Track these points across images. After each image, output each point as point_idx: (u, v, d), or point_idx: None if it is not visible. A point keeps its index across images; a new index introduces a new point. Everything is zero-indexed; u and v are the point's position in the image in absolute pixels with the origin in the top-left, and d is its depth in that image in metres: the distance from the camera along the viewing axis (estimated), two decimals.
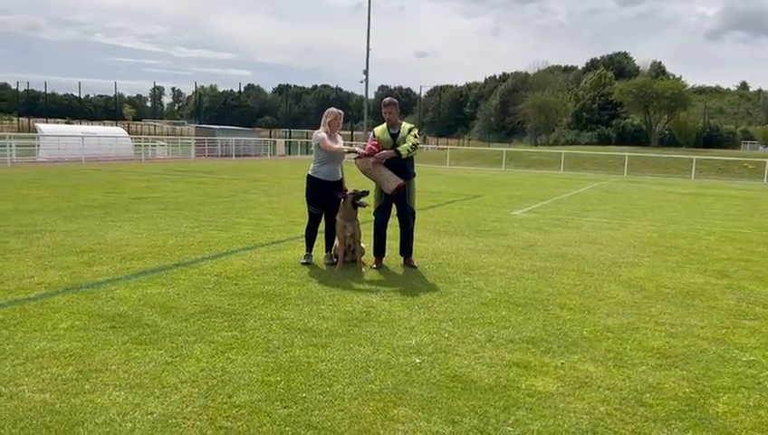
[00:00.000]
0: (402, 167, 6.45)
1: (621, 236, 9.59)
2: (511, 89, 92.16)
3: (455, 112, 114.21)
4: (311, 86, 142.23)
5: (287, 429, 3.05)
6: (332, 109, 6.63)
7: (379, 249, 6.78)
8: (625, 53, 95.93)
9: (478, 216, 11.64)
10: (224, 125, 44.89)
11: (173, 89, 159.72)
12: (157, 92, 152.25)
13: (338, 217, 6.48)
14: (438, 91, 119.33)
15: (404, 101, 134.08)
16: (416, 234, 7.09)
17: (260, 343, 4.23)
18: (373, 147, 6.45)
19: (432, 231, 9.39)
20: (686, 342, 4.62)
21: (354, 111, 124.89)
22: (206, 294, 5.40)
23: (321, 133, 6.48)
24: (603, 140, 63.36)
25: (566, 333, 4.71)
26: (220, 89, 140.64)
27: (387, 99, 6.49)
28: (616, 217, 12.36)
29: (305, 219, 6.93)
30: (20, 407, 3.18)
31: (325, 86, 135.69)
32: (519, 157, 37.38)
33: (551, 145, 65.70)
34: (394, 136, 6.47)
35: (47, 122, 50.45)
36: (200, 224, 9.32)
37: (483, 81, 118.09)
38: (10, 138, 24.38)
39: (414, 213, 6.78)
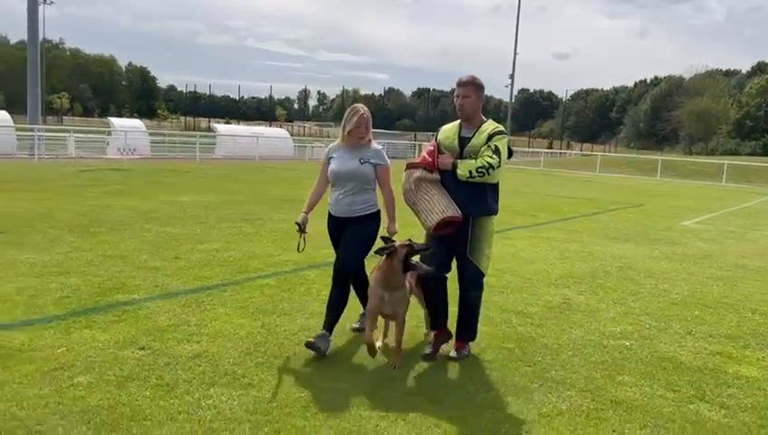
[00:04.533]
0: (466, 192, 3.95)
1: None
2: (664, 93, 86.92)
3: (600, 117, 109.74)
4: (449, 89, 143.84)
5: (535, 379, 3.88)
6: (355, 107, 4.19)
7: (437, 318, 4.30)
8: None
9: (646, 224, 11.81)
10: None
11: (318, 92, 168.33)
12: (304, 95, 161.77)
13: (372, 278, 4.04)
14: (583, 94, 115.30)
15: (544, 105, 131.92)
16: (524, 284, 5.89)
17: (483, 319, 5.11)
18: (427, 156, 4.13)
19: (603, 237, 9.84)
20: None
21: (491, 115, 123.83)
22: None
23: (330, 146, 4.40)
24: None
25: (762, 333, 5.11)
26: (361, 92, 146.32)
27: (464, 77, 4.05)
28: None
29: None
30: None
31: None
32: (674, 166, 35.59)
33: (707, 154, 61.35)
34: (464, 141, 4.00)
35: (209, 122, 56.28)
36: None
37: (632, 85, 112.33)
38: (198, 137, 27.72)
39: (479, 277, 4.15)
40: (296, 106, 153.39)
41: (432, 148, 4.15)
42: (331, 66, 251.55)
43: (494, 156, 3.88)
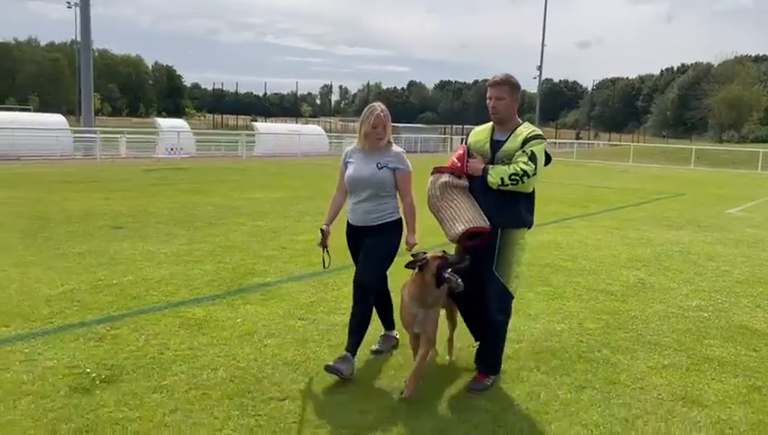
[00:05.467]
0: (496, 201, 3.60)
1: None
2: (691, 81, 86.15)
3: (625, 106, 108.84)
4: (471, 81, 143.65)
5: (634, 342, 4.60)
6: (371, 106, 3.84)
7: (473, 332, 4.05)
8: None
9: (693, 213, 12.39)
10: (393, 122, 47.80)
11: (340, 87, 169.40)
12: (327, 90, 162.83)
13: (404, 293, 3.74)
14: (608, 83, 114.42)
15: (568, 95, 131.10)
16: (598, 267, 6.56)
17: (571, 296, 5.84)
18: (456, 160, 3.82)
19: (656, 224, 10.48)
20: None
21: None
22: None
23: (348, 148, 4.07)
24: None
25: None
26: (383, 86, 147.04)
27: (498, 76, 3.69)
28: None
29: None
30: None
31: (486, 81, 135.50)
32: (706, 155, 35.69)
33: (737, 142, 60.84)
34: (496, 145, 3.67)
35: (236, 120, 57.57)
36: None
37: (658, 72, 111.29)
38: (243, 135, 28.73)
39: (506, 298, 3.71)
40: (318, 102, 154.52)
41: (462, 151, 3.80)
42: (351, 60, 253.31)
43: (529, 162, 3.48)
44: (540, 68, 50.09)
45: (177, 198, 11.66)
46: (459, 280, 3.49)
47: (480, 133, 3.78)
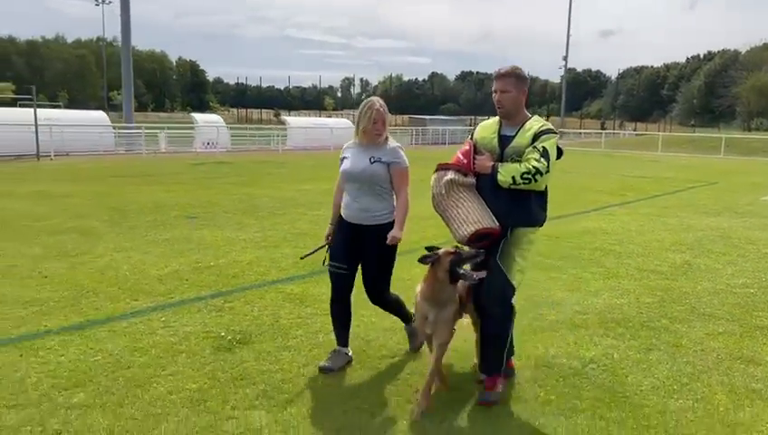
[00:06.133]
0: (507, 199, 3.41)
1: None
2: (718, 69, 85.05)
3: (650, 95, 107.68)
4: (492, 71, 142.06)
5: (689, 314, 5.11)
6: (370, 101, 3.71)
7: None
8: None
9: (728, 200, 12.75)
10: (411, 114, 48.35)
11: (361, 79, 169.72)
12: (348, 83, 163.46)
13: (418, 292, 3.58)
14: (632, 72, 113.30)
15: (592, 85, 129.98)
16: (644, 250, 7.67)
17: (625, 276, 6.34)
18: (461, 156, 3.62)
19: (694, 211, 10.89)
20: None
21: (537, 96, 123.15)
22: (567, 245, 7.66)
23: (346, 144, 3.95)
24: None
25: None
26: (404, 78, 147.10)
27: (503, 68, 3.48)
28: None
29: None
30: None
31: None
32: (736, 143, 35.55)
33: (767, 130, 60.14)
34: (505, 141, 3.47)
35: (261, 114, 58.53)
36: None
37: (684, 60, 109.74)
38: (276, 129, 29.46)
39: (507, 290, 3.47)
40: (339, 94, 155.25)
41: (468, 147, 3.60)
42: (371, 52, 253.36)
43: (542, 159, 3.27)
44: (566, 58, 50.14)
45: (232, 191, 12.34)
46: (475, 275, 3.32)
47: (487, 128, 3.56)
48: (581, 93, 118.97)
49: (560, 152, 3.44)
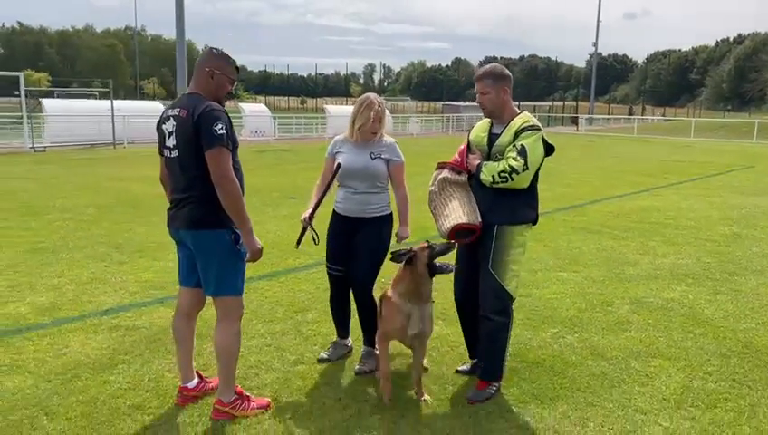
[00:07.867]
0: (492, 197, 3.46)
1: None
2: (749, 53, 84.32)
3: (678, 79, 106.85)
4: (517, 56, 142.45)
5: (746, 270, 6.29)
6: (368, 99, 3.76)
7: (469, 348, 3.93)
8: None
9: (766, 181, 13.77)
10: (436, 100, 48.97)
11: (383, 65, 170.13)
12: (369, 69, 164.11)
13: (390, 293, 3.51)
14: (659, 56, 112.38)
15: (618, 69, 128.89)
16: (697, 224, 8.95)
17: (683, 243, 7.52)
18: (458, 156, 3.74)
19: (735, 192, 11.99)
20: None
21: (562, 81, 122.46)
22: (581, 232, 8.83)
23: (337, 138, 3.98)
24: None
25: None
26: (427, 63, 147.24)
27: (480, 70, 3.53)
28: None
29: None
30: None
31: (533, 56, 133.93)
32: None
33: None
34: (493, 139, 3.52)
35: (287, 101, 59.63)
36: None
37: (713, 44, 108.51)
38: (316, 118, 30.74)
39: (504, 298, 3.48)
40: (362, 81, 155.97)
41: (464, 146, 3.69)
42: (392, 38, 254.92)
43: (518, 157, 3.28)
44: (595, 44, 50.56)
45: (309, 174, 13.63)
46: (450, 265, 3.43)
47: (480, 128, 3.64)
48: (607, 78, 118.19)
49: (550, 148, 3.44)
